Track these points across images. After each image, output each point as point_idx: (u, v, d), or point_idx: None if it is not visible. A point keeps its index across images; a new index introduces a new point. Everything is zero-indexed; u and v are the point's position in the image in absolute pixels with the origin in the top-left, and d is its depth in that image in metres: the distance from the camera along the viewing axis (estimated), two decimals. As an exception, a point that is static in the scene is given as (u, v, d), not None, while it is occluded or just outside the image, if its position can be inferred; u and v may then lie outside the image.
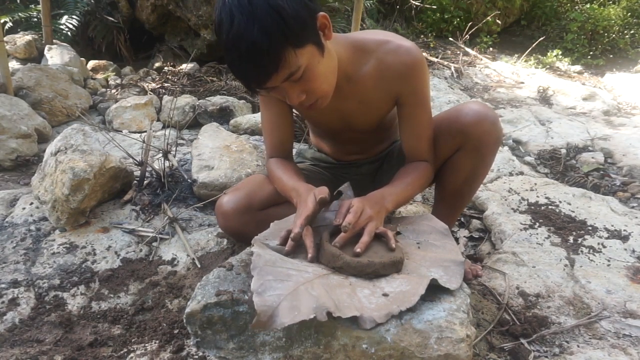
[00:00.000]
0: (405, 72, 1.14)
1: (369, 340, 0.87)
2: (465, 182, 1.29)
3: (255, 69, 0.92)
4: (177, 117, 2.69)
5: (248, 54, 0.89)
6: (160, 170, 1.76)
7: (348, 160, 1.50)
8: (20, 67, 2.77)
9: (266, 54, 0.89)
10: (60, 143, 1.61)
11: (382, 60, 1.14)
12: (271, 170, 1.30)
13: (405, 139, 1.26)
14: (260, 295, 0.85)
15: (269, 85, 0.96)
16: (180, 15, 3.62)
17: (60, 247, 1.46)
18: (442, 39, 5.06)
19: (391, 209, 1.14)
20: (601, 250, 1.52)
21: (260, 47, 0.88)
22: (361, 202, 1.06)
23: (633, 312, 1.24)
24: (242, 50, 0.89)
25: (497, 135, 1.21)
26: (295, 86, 0.99)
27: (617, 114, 3.33)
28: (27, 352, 1.07)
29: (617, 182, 2.20)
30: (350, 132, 1.35)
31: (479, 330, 1.18)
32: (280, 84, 0.97)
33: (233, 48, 0.90)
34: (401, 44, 1.14)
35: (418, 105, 1.20)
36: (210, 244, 1.52)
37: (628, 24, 5.26)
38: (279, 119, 1.29)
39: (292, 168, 1.29)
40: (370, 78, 1.17)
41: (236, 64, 0.93)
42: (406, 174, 1.22)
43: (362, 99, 1.20)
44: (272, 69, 0.92)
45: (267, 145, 1.34)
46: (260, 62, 0.90)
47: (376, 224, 1.05)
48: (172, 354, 1.06)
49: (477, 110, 1.19)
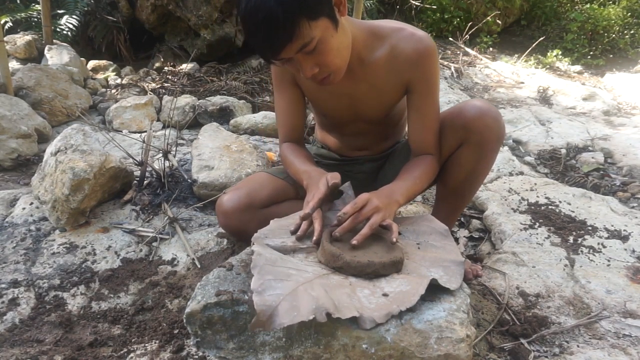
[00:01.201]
0: (417, 59, 1.17)
1: (369, 340, 0.87)
2: (466, 179, 1.29)
3: (270, 39, 0.96)
4: (177, 117, 2.69)
5: (264, 24, 0.93)
6: (160, 170, 1.76)
7: (352, 156, 1.50)
8: (20, 67, 2.77)
9: (281, 24, 0.93)
10: (60, 143, 1.61)
11: (396, 46, 1.18)
12: (284, 155, 1.35)
13: (413, 129, 1.27)
14: (260, 294, 0.85)
15: (283, 56, 1.00)
16: (180, 15, 3.62)
17: (60, 247, 1.46)
18: (442, 39, 5.06)
19: (403, 203, 1.15)
20: (601, 250, 1.52)
21: (276, 17, 0.92)
22: (368, 194, 1.08)
23: (633, 312, 1.25)
24: (258, 19, 0.93)
25: (499, 131, 1.22)
26: (309, 58, 1.02)
27: (617, 114, 3.33)
28: (27, 352, 1.07)
29: (617, 182, 2.20)
30: (358, 123, 1.36)
31: (479, 330, 1.18)
32: (294, 55, 1.00)
33: (250, 18, 0.94)
34: (415, 32, 1.18)
35: (427, 95, 1.22)
36: (210, 244, 1.52)
37: (628, 24, 5.26)
38: (292, 105, 1.33)
39: (304, 153, 1.34)
40: (382, 63, 1.19)
41: (253, 33, 0.97)
42: (414, 168, 1.23)
43: (373, 83, 1.22)
44: (286, 39, 0.95)
45: (280, 131, 1.38)
46: (275, 32, 0.94)
47: (382, 216, 1.05)
48: (172, 354, 1.06)
49: (480, 106, 1.21)
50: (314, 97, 1.33)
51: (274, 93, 1.36)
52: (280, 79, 1.31)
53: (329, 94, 1.27)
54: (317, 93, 1.30)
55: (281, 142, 1.39)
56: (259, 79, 3.38)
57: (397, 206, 1.12)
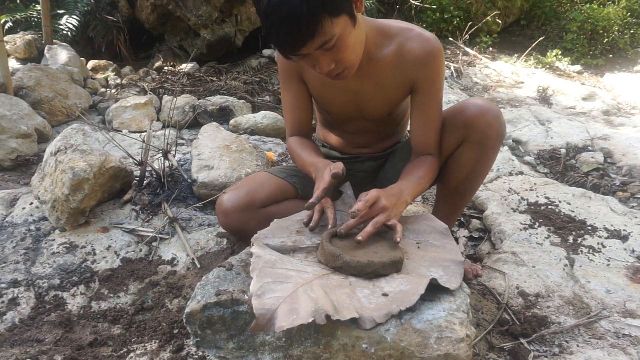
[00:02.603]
0: (423, 59, 1.18)
1: (369, 340, 0.87)
2: (467, 178, 1.29)
3: (292, 35, 0.96)
4: (177, 117, 2.69)
5: (287, 20, 0.93)
6: (160, 170, 1.76)
7: (353, 154, 1.50)
8: (20, 67, 2.77)
9: (305, 20, 0.93)
10: (61, 143, 1.61)
11: (404, 45, 1.18)
12: (292, 148, 1.36)
13: (415, 129, 1.27)
14: (259, 298, 0.85)
15: (303, 52, 1.00)
16: (180, 15, 3.62)
17: (60, 247, 1.46)
18: (442, 39, 5.04)
19: (410, 202, 1.16)
20: (601, 250, 1.52)
21: (300, 13, 0.91)
22: (378, 193, 1.08)
23: (633, 312, 1.25)
24: (282, 15, 0.92)
25: (500, 129, 1.22)
26: (327, 55, 1.02)
27: (617, 114, 3.33)
28: (27, 352, 1.07)
29: (617, 182, 2.20)
30: (361, 121, 1.36)
31: (479, 330, 1.18)
32: (313, 52, 1.00)
33: (274, 13, 0.93)
34: (423, 33, 1.19)
35: (431, 95, 1.23)
36: (210, 244, 1.52)
37: (628, 24, 5.26)
38: (298, 101, 1.34)
39: (312, 146, 1.34)
40: (390, 61, 1.20)
41: (275, 29, 0.96)
42: (416, 169, 1.23)
43: (379, 81, 1.23)
44: (308, 36, 0.95)
45: (288, 125, 1.39)
46: (298, 28, 0.94)
47: (388, 216, 1.05)
48: (172, 354, 1.06)
49: (481, 104, 1.21)
50: (320, 93, 1.33)
51: (282, 89, 1.37)
52: (287, 76, 1.31)
53: (335, 90, 1.28)
54: (323, 90, 1.30)
55: (289, 136, 1.40)
56: (259, 79, 3.38)
57: (405, 206, 1.13)
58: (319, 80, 1.27)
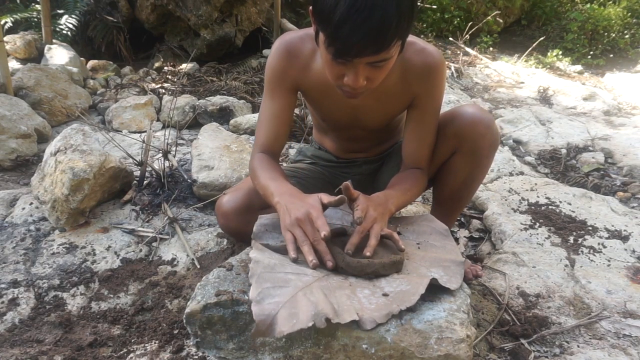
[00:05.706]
0: (426, 73, 1.16)
1: (369, 341, 0.87)
2: (462, 186, 1.29)
3: (366, 40, 0.90)
4: (177, 117, 2.68)
5: (372, 23, 0.88)
6: (160, 170, 1.76)
7: (349, 158, 1.50)
8: (20, 67, 2.76)
9: (388, 32, 0.89)
10: (60, 143, 1.61)
11: (407, 59, 1.16)
12: (253, 167, 1.21)
13: (407, 142, 1.25)
14: (259, 303, 0.85)
15: (361, 60, 0.95)
16: (180, 15, 3.62)
17: (60, 247, 1.46)
18: (442, 38, 5.05)
19: (394, 212, 1.14)
20: (601, 250, 1.52)
21: (389, 23, 0.88)
22: (366, 202, 1.05)
23: (633, 312, 1.24)
24: (369, 16, 0.87)
25: (493, 139, 1.21)
26: (369, 71, 0.99)
27: (617, 114, 3.33)
28: (27, 352, 1.07)
29: (618, 182, 2.20)
30: (357, 130, 1.35)
31: (479, 331, 1.18)
32: (363, 63, 0.96)
33: (363, 11, 0.87)
34: (426, 46, 1.17)
35: (429, 111, 1.21)
36: (210, 244, 1.52)
37: (628, 24, 5.26)
38: (282, 112, 1.23)
39: (278, 168, 1.21)
40: (392, 74, 1.17)
41: (353, 26, 0.89)
42: (403, 180, 1.22)
43: (379, 96, 1.20)
44: (379, 48, 0.92)
45: (260, 137, 1.25)
46: (376, 36, 0.89)
47: (380, 225, 1.04)
48: (172, 354, 1.06)
49: (472, 113, 1.20)
50: (319, 103, 1.29)
51: (265, 97, 1.25)
52: (277, 84, 1.22)
53: (334, 101, 1.23)
54: (322, 99, 1.27)
55: (256, 151, 1.25)
56: (259, 79, 3.37)
57: (389, 215, 1.10)
58: (318, 90, 1.23)
